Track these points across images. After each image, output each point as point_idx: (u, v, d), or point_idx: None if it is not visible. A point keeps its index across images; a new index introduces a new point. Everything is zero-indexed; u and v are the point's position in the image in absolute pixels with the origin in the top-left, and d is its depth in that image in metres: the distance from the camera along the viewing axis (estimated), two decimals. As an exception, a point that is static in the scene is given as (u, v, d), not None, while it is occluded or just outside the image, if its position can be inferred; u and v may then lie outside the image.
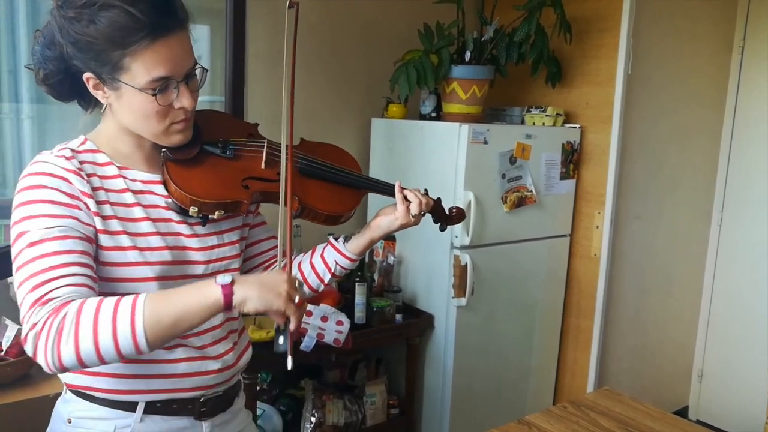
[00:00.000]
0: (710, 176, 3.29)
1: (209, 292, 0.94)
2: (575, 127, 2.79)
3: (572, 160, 2.79)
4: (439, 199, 1.36)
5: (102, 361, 0.93)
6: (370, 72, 2.83)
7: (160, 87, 1.02)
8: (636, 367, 3.14)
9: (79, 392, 1.12)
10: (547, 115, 2.71)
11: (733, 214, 3.26)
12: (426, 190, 1.33)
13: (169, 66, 1.02)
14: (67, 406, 1.14)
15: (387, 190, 1.32)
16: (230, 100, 2.50)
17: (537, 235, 2.75)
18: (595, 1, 2.74)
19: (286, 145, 1.18)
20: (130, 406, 1.11)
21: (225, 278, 0.95)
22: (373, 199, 2.74)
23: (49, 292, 0.93)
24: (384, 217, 1.29)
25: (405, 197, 1.28)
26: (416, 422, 2.71)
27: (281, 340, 1.00)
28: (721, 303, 3.33)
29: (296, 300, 0.97)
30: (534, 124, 2.72)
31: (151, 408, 1.12)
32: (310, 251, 1.34)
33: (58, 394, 1.19)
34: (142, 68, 1.00)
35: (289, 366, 1.01)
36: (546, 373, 2.96)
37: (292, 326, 0.98)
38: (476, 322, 2.60)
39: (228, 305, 0.94)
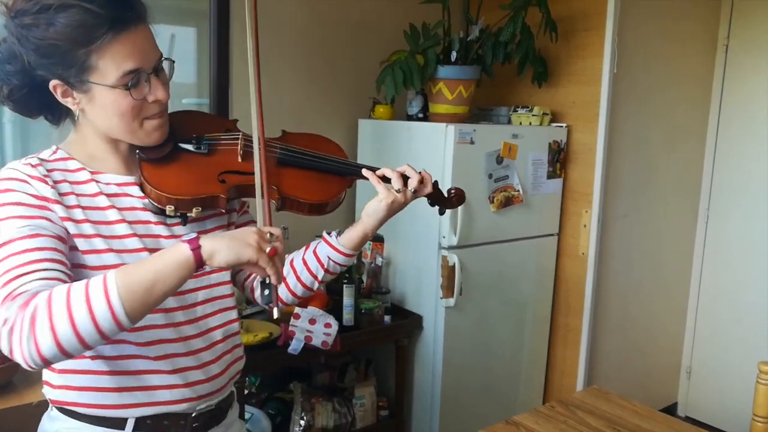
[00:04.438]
0: (697, 174, 3.31)
1: (177, 251, 0.92)
2: (562, 127, 2.80)
3: (559, 159, 2.79)
4: (436, 182, 1.28)
5: (84, 344, 0.89)
6: (357, 73, 2.82)
7: (131, 81, 1.01)
8: (625, 364, 3.15)
9: (64, 409, 1.10)
10: (533, 115, 2.71)
11: (720, 212, 3.27)
12: (422, 171, 1.25)
13: (137, 58, 1.01)
14: (53, 424, 1.12)
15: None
16: (215, 101, 2.49)
17: (524, 235, 2.75)
18: (580, 1, 2.74)
19: (257, 113, 1.16)
20: (119, 423, 1.09)
21: (190, 235, 0.94)
22: (363, 192, 2.74)
23: (19, 286, 0.90)
24: (371, 202, 1.23)
25: (382, 177, 1.22)
26: (406, 423, 2.70)
27: (266, 291, 1.01)
28: (708, 300, 3.35)
29: (267, 250, 0.95)
30: (520, 123, 2.72)
31: (142, 425, 1.09)
32: (303, 248, 1.31)
33: (42, 402, 1.17)
34: (111, 63, 0.99)
35: (275, 315, 1.02)
36: (535, 372, 2.96)
37: (272, 279, 0.98)
38: (465, 322, 2.59)
39: (198, 260, 0.92)
